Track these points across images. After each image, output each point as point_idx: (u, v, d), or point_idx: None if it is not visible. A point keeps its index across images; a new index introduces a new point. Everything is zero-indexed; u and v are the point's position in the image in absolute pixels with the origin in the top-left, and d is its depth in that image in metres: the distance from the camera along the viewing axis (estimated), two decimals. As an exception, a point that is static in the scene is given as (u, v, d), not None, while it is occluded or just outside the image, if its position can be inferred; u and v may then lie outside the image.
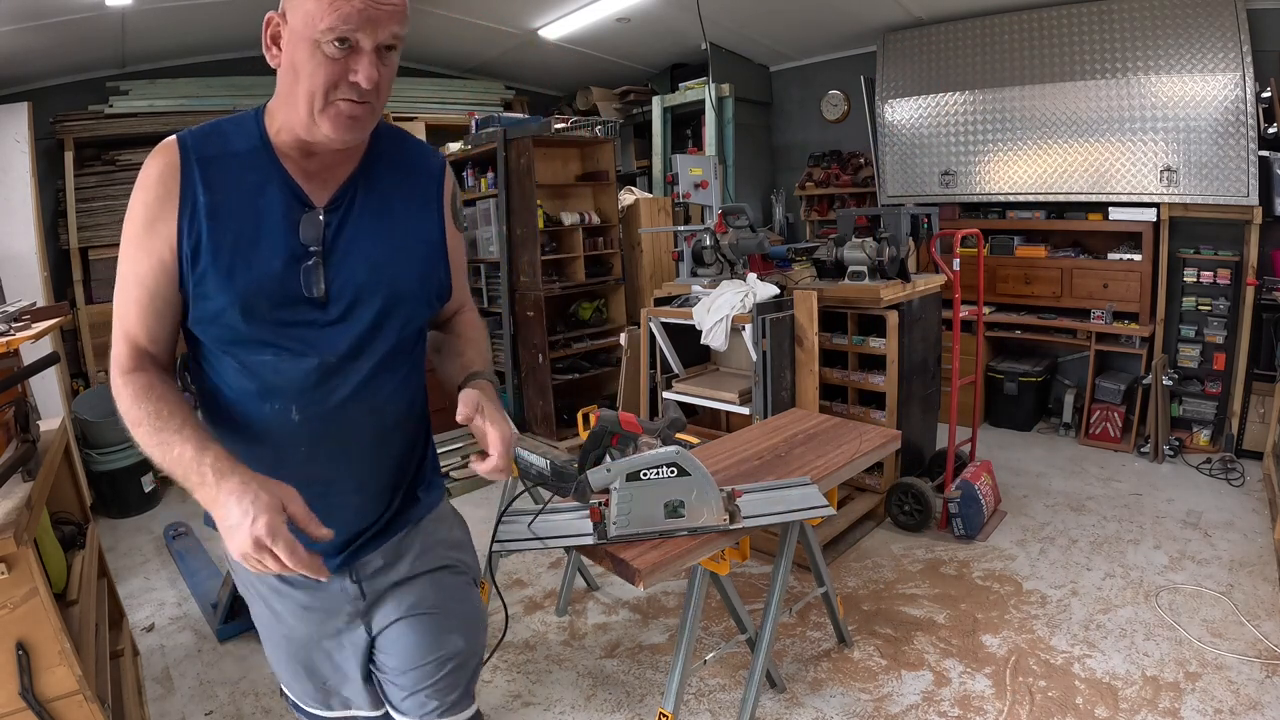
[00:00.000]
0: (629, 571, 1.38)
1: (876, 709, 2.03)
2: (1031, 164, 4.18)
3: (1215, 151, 3.58)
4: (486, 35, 4.76)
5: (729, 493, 1.46)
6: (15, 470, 1.45)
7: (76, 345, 4.07)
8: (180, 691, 2.26)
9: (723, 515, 1.39)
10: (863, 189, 5.03)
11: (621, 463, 1.31)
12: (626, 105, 5.69)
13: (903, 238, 3.11)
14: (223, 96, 4.44)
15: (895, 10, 4.35)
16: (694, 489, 1.34)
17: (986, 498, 2.97)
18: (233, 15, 3.98)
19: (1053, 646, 2.24)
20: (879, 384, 3.06)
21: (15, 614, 1.30)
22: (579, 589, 2.71)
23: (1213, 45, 3.51)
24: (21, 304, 1.81)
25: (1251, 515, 3.02)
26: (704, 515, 1.37)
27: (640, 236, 4.40)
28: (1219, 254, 3.69)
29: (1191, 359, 3.84)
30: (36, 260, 3.61)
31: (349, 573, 1.12)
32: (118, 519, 3.62)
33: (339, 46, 0.91)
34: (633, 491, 1.32)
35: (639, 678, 2.23)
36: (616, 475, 1.31)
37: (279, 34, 0.96)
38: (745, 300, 2.89)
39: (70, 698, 1.36)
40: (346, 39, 0.91)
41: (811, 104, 5.44)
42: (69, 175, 3.97)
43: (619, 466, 1.31)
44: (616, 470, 1.31)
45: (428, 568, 1.17)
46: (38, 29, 3.41)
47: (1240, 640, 2.20)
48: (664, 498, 1.34)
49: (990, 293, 4.27)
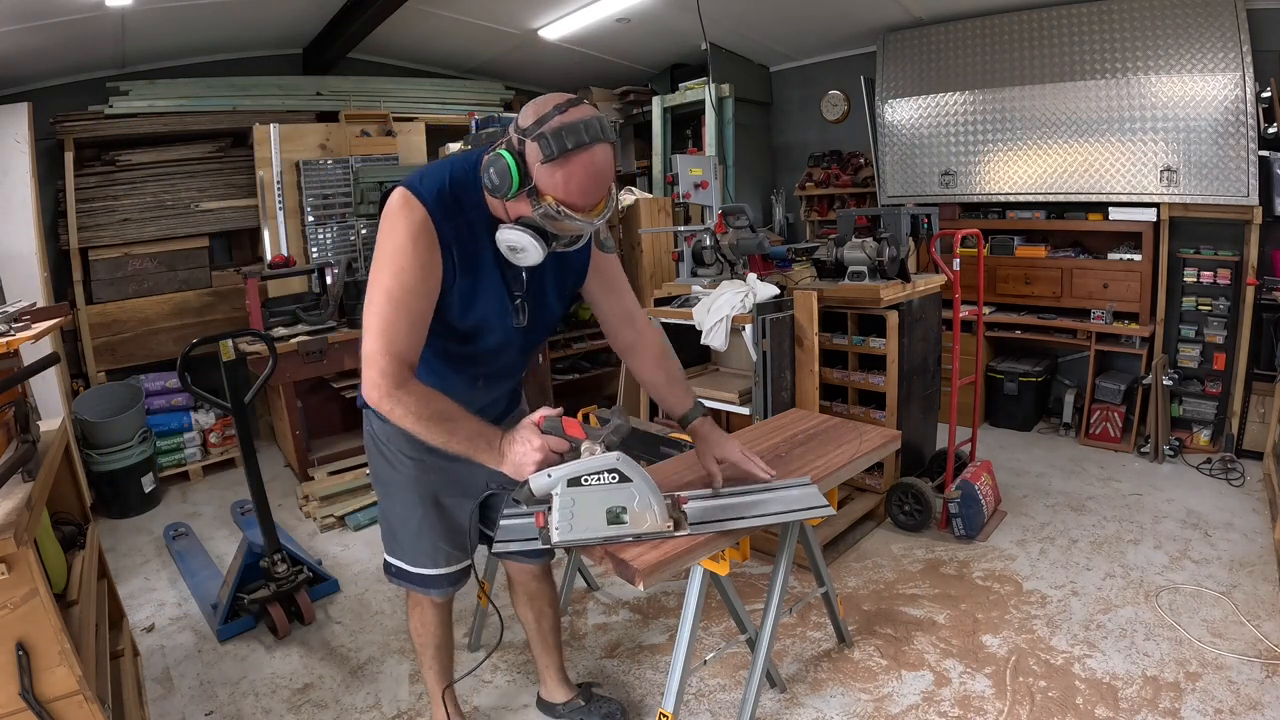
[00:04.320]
0: (629, 571, 1.38)
1: (877, 709, 2.03)
2: (1031, 164, 4.18)
3: (1215, 151, 3.58)
4: (486, 35, 4.76)
5: (673, 499, 1.46)
6: (15, 470, 1.45)
7: (76, 345, 4.06)
8: (180, 692, 2.26)
9: (666, 522, 1.38)
10: (863, 189, 5.03)
11: (562, 468, 1.30)
12: (626, 105, 5.69)
13: (903, 238, 3.10)
14: (223, 97, 4.44)
15: (895, 10, 4.35)
16: (635, 495, 1.33)
17: (986, 498, 2.97)
18: (233, 15, 3.99)
19: (1053, 646, 2.24)
20: (879, 384, 3.06)
21: (15, 614, 1.30)
22: (579, 589, 2.71)
23: (1213, 45, 3.51)
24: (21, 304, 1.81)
25: (1251, 515, 3.02)
26: (647, 521, 1.36)
27: (640, 236, 4.40)
28: (1219, 254, 3.69)
29: (1191, 359, 3.84)
30: (36, 260, 3.61)
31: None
32: (118, 519, 3.62)
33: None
34: (574, 497, 1.31)
35: (639, 678, 2.23)
36: (557, 481, 1.30)
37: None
38: (745, 300, 2.89)
39: (70, 698, 1.36)
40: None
41: (811, 104, 5.44)
42: (69, 175, 3.96)
43: (560, 472, 1.30)
44: (557, 476, 1.30)
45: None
46: (38, 29, 3.41)
47: (1240, 640, 2.20)
48: (606, 504, 1.33)
49: (990, 293, 4.27)
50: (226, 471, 4.21)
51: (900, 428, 2.89)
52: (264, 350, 2.94)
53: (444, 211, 1.32)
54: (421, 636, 1.83)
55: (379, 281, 1.32)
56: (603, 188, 1.29)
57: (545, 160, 1.23)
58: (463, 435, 1.33)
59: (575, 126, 1.22)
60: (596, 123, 1.24)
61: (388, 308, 1.30)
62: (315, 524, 3.41)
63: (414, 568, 1.69)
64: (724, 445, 1.68)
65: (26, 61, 3.76)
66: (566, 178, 1.24)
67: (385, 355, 1.30)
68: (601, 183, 1.28)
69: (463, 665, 2.29)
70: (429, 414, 1.31)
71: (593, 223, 1.30)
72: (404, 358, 1.32)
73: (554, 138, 1.22)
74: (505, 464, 1.34)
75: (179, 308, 4.35)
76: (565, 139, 1.21)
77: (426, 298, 1.33)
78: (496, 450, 1.34)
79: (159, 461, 3.93)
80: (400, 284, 1.30)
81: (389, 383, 1.30)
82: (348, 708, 2.15)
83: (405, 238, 1.30)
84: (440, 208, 1.32)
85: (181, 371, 2.39)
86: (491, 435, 1.35)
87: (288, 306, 3.84)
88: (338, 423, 4.07)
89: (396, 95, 5.07)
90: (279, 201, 4.27)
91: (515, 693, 2.19)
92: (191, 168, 4.34)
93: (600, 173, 1.27)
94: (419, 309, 1.33)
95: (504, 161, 1.25)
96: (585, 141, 1.22)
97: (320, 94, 4.77)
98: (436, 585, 1.70)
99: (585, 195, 1.26)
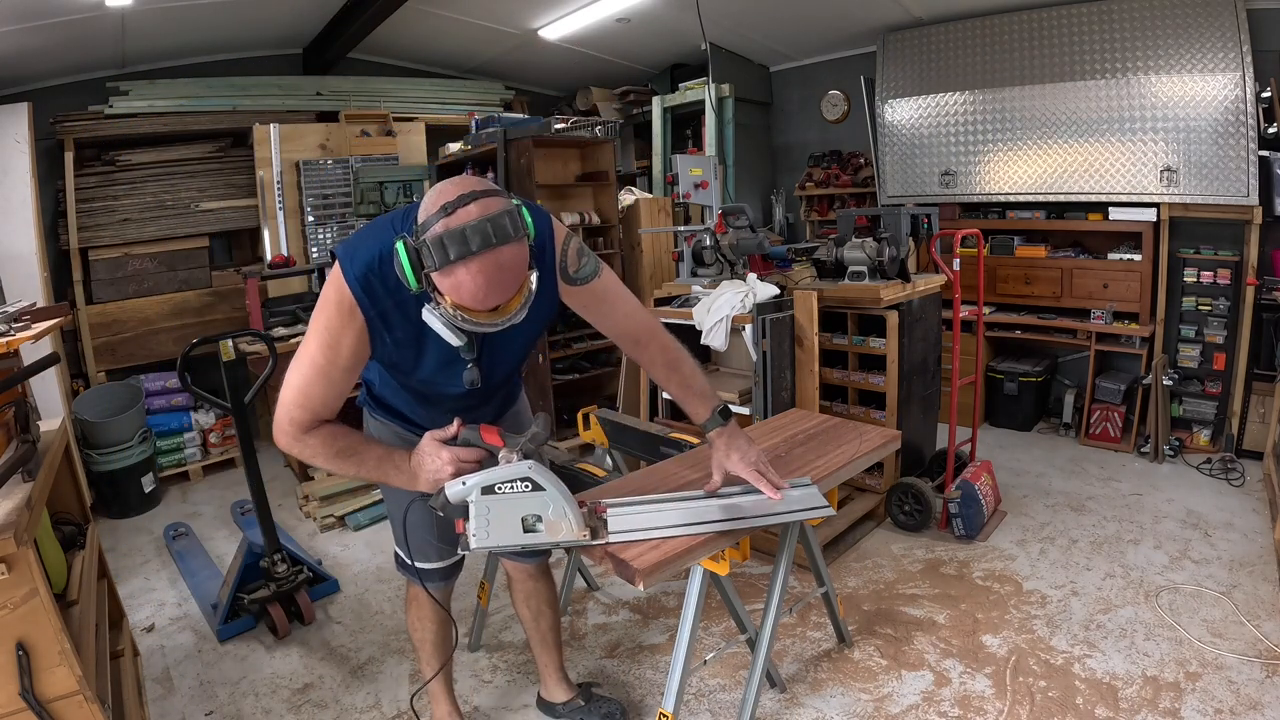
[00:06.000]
0: (629, 571, 1.38)
1: (877, 709, 2.03)
2: (1031, 164, 4.18)
3: (1215, 151, 3.58)
4: (486, 35, 4.76)
5: (590, 508, 1.47)
6: (15, 470, 1.45)
7: (76, 345, 4.06)
8: (180, 692, 2.26)
9: (583, 530, 1.39)
10: (863, 189, 5.03)
11: (475, 476, 1.31)
12: (626, 105, 5.69)
13: (903, 238, 3.10)
14: (223, 97, 4.44)
15: (895, 10, 4.35)
16: (549, 504, 1.34)
17: (986, 498, 2.97)
18: (233, 15, 3.99)
19: (1053, 646, 2.24)
20: (879, 384, 3.06)
21: (15, 614, 1.30)
22: (579, 589, 2.71)
23: (1213, 45, 3.51)
24: (21, 304, 1.80)
25: (1251, 515, 3.02)
26: (562, 530, 1.37)
27: (640, 237, 4.40)
28: (1219, 254, 3.69)
29: (1191, 359, 3.83)
30: (36, 260, 3.61)
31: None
32: (118, 519, 3.62)
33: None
34: (489, 505, 1.32)
35: (639, 678, 2.23)
36: (472, 489, 1.31)
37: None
38: (745, 300, 2.89)
39: (70, 698, 1.36)
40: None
41: (811, 104, 5.44)
42: (69, 175, 3.97)
43: (474, 480, 1.31)
44: (471, 484, 1.31)
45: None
46: (38, 29, 3.41)
47: (1240, 640, 2.20)
48: (520, 512, 1.34)
49: (990, 293, 4.27)
50: (226, 471, 4.21)
51: (900, 428, 2.89)
52: (264, 350, 2.93)
53: (371, 294, 1.28)
54: (419, 632, 1.84)
55: (307, 345, 1.33)
56: (503, 292, 1.19)
57: (429, 269, 1.17)
58: (370, 464, 1.39)
59: (458, 234, 1.13)
60: (488, 226, 1.13)
61: (310, 372, 1.33)
62: (315, 524, 3.41)
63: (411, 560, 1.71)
64: (731, 460, 1.58)
65: (26, 61, 3.76)
66: (455, 285, 1.16)
67: (298, 408, 1.34)
68: (499, 288, 1.18)
69: (463, 665, 2.29)
70: (334, 451, 1.36)
71: (500, 323, 1.23)
72: (317, 414, 1.36)
73: (435, 247, 1.14)
74: (419, 482, 1.37)
75: (179, 308, 4.35)
76: (447, 248, 1.13)
77: (349, 371, 1.35)
78: (408, 471, 1.37)
79: (159, 461, 3.93)
80: (325, 358, 1.32)
81: (296, 429, 1.35)
82: (348, 708, 2.15)
83: (333, 316, 1.30)
84: (367, 291, 1.28)
85: (181, 371, 2.39)
86: (399, 458, 1.39)
87: (288, 306, 3.84)
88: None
89: (396, 95, 5.07)
90: (279, 201, 4.27)
91: (515, 693, 2.19)
92: (191, 168, 4.35)
93: (493, 279, 1.16)
94: (340, 378, 1.34)
95: (399, 259, 1.18)
96: (472, 250, 1.13)
97: (320, 94, 4.77)
98: (430, 578, 1.73)
99: (479, 301, 1.18)
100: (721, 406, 1.61)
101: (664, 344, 1.62)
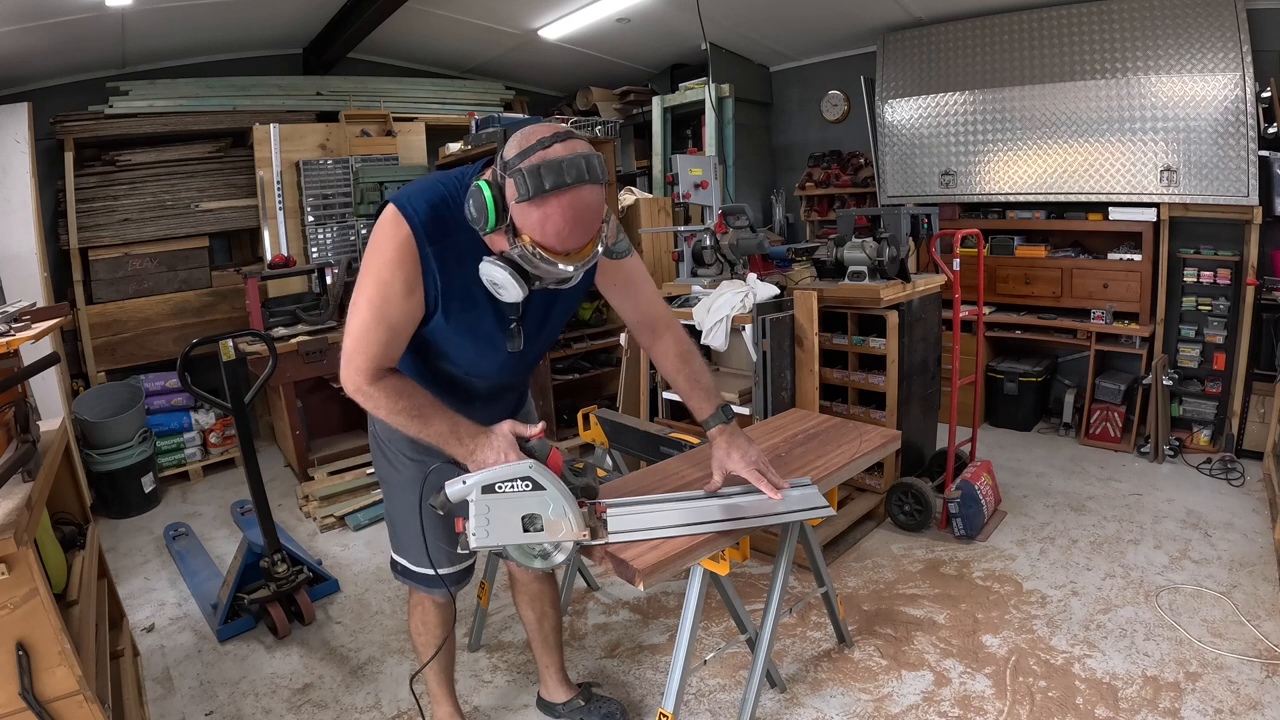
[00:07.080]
0: (629, 571, 1.38)
1: (877, 709, 2.03)
2: (1031, 164, 4.18)
3: (1215, 151, 3.58)
4: (486, 35, 4.76)
5: (590, 508, 1.47)
6: (15, 470, 1.45)
7: (76, 345, 4.06)
8: (180, 692, 2.26)
9: (583, 530, 1.39)
10: (863, 189, 5.03)
11: (475, 475, 1.32)
12: (626, 105, 5.69)
13: (903, 238, 3.10)
14: (223, 97, 4.44)
15: (895, 10, 4.35)
16: (550, 503, 1.34)
17: (986, 498, 2.97)
18: (233, 15, 3.99)
19: (1053, 646, 2.24)
20: (879, 384, 3.06)
21: (15, 614, 1.30)
22: (579, 589, 2.71)
23: (1212, 45, 3.51)
24: (21, 304, 1.80)
25: (1251, 515, 3.02)
26: (562, 529, 1.37)
27: (640, 236, 4.39)
28: (1219, 254, 3.69)
29: (1191, 359, 3.83)
30: (36, 260, 3.61)
31: None
32: (118, 519, 3.62)
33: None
34: (489, 504, 1.32)
35: (639, 678, 2.23)
36: (472, 488, 1.31)
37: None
38: (745, 300, 2.89)
39: (70, 698, 1.36)
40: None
41: (811, 104, 5.44)
42: (69, 175, 3.97)
43: (474, 479, 1.31)
44: (472, 483, 1.31)
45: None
46: (38, 29, 3.41)
47: (1240, 640, 2.20)
48: (520, 511, 1.34)
49: (990, 293, 4.27)
50: (226, 471, 4.21)
51: (900, 428, 2.89)
52: (264, 350, 2.94)
53: (430, 234, 1.30)
54: (423, 636, 1.83)
55: (363, 288, 1.33)
56: (585, 233, 1.21)
57: (520, 199, 1.17)
58: (434, 431, 1.37)
59: (555, 165, 1.15)
60: (582, 161, 1.16)
61: (369, 315, 1.33)
62: (315, 524, 3.41)
63: (417, 567, 1.70)
64: (732, 460, 1.60)
65: (26, 61, 3.76)
66: (543, 219, 1.17)
67: (362, 355, 1.34)
68: (583, 227, 1.20)
69: (463, 665, 2.29)
70: (398, 408, 1.35)
71: (573, 268, 1.23)
72: (379, 361, 1.35)
73: (530, 176, 1.15)
74: (471, 462, 1.36)
75: (179, 308, 4.35)
76: (543, 178, 1.14)
77: (406, 314, 1.35)
78: (467, 449, 1.36)
79: (159, 461, 3.93)
80: (382, 295, 1.31)
81: (363, 378, 1.35)
82: (348, 708, 2.15)
83: (390, 254, 1.30)
84: (426, 230, 1.30)
85: (181, 371, 2.39)
86: (465, 432, 1.36)
87: (288, 306, 3.84)
88: (338, 423, 4.06)
89: (396, 95, 5.07)
90: (279, 201, 4.27)
91: (515, 693, 2.19)
92: (191, 168, 4.35)
93: (580, 217, 1.19)
94: (398, 323, 1.34)
95: (482, 196, 1.20)
96: (566, 182, 1.15)
97: (320, 94, 4.77)
98: (438, 585, 1.70)
99: (562, 240, 1.19)
100: (724, 405, 1.64)
101: (678, 336, 1.67)
